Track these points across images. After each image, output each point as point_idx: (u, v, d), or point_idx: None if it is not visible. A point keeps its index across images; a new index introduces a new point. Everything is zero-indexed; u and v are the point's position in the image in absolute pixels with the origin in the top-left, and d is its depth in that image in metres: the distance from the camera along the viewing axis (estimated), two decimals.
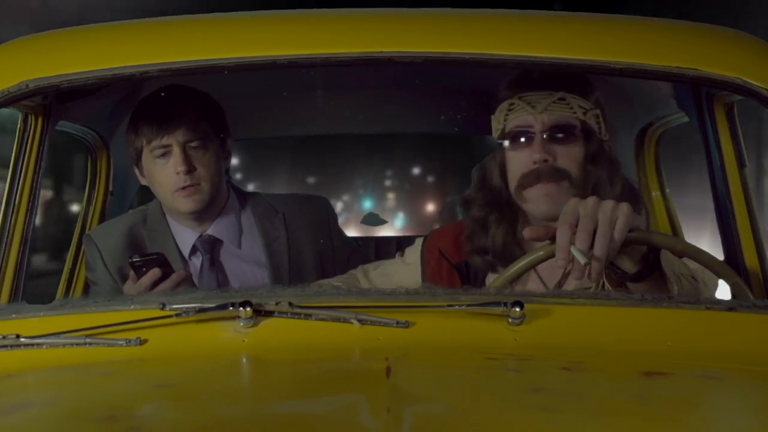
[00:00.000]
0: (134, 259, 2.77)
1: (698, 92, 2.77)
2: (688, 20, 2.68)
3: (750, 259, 2.64)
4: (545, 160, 2.58)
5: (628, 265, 2.28)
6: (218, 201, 3.09)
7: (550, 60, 2.45)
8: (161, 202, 3.11)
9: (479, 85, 3.18)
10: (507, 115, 2.65)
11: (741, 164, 2.69)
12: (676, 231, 3.72)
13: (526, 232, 2.31)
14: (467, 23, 2.57)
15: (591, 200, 2.22)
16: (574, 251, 2.17)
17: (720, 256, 2.59)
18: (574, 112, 2.60)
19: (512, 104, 2.64)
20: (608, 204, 2.21)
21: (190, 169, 2.99)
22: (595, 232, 2.19)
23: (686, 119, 3.10)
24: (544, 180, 2.58)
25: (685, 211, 4.02)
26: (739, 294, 2.35)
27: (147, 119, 3.00)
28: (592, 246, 2.18)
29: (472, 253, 2.71)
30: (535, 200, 2.61)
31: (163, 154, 2.99)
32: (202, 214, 3.08)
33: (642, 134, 3.67)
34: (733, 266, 2.52)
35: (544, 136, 2.59)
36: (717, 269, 2.36)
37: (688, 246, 2.32)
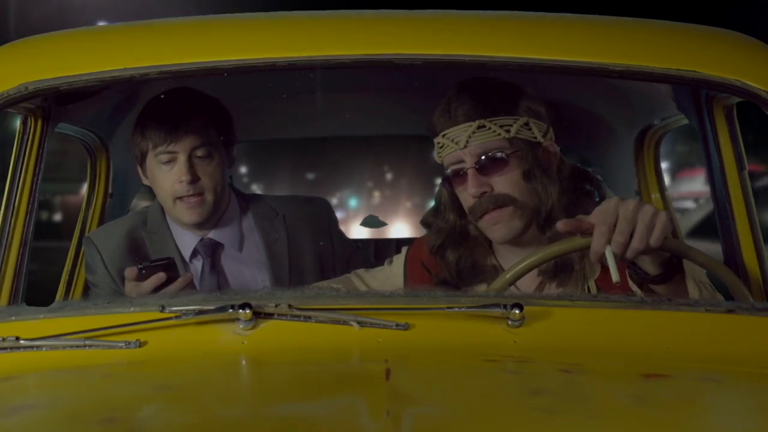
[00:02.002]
0: (142, 265, 2.76)
1: (698, 94, 2.77)
2: None
3: (749, 261, 2.64)
4: (483, 193, 2.60)
5: (651, 268, 2.31)
6: (220, 206, 3.08)
7: (550, 62, 2.45)
8: (162, 206, 3.10)
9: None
10: (440, 153, 2.67)
11: (740, 166, 2.69)
12: (675, 233, 3.72)
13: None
14: (467, 25, 2.57)
15: (631, 203, 2.25)
16: (608, 254, 2.19)
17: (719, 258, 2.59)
18: (498, 135, 2.60)
19: (440, 143, 2.66)
20: (648, 208, 2.24)
21: (194, 180, 2.98)
22: (631, 235, 2.23)
23: (686, 121, 3.10)
24: (489, 210, 2.60)
25: None
26: (738, 296, 2.36)
27: (155, 122, 2.98)
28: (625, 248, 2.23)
29: (438, 285, 2.71)
30: (488, 229, 2.64)
31: (168, 161, 2.98)
32: (193, 226, 3.07)
33: (641, 136, 3.67)
34: (732, 268, 2.52)
35: (477, 167, 2.60)
36: (736, 289, 2.36)
37: (710, 260, 2.33)
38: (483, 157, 2.60)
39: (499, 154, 2.60)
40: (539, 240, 2.62)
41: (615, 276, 2.19)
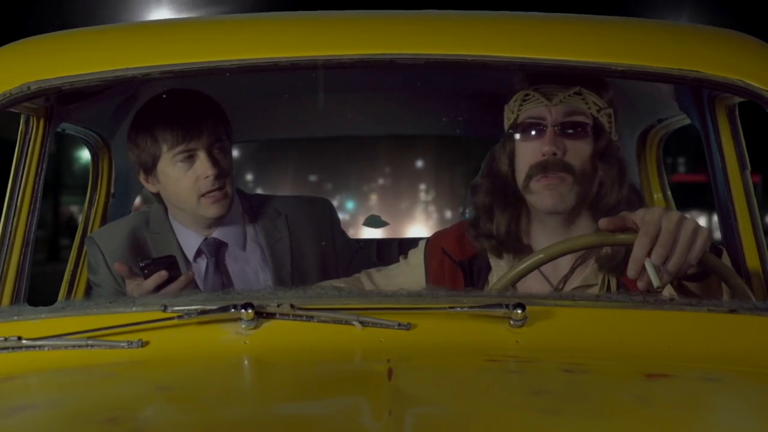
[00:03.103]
0: (144, 263, 2.77)
1: (700, 94, 2.77)
2: None
3: (751, 260, 2.64)
4: (554, 153, 2.59)
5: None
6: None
7: (552, 62, 2.45)
8: (179, 207, 3.07)
9: (481, 87, 3.19)
10: (522, 105, 2.65)
11: (743, 166, 2.69)
12: None
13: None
14: (469, 25, 2.57)
15: (674, 215, 2.26)
16: (648, 266, 2.20)
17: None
18: (589, 108, 2.61)
19: (527, 95, 2.65)
20: (690, 223, 2.26)
21: (219, 174, 2.97)
22: (672, 248, 2.24)
23: (688, 121, 3.10)
24: (551, 172, 2.59)
25: None
26: (740, 296, 2.36)
27: (166, 124, 2.97)
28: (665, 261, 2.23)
29: (477, 238, 2.73)
30: (540, 193, 2.62)
31: (187, 158, 2.97)
32: (216, 221, 3.07)
33: (644, 136, 3.67)
34: (734, 267, 2.52)
35: (556, 129, 2.60)
36: (738, 289, 2.37)
37: (713, 260, 2.34)
38: (567, 120, 2.60)
39: (583, 124, 2.61)
40: (579, 228, 2.63)
41: (656, 281, 2.20)
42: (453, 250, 2.78)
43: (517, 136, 2.66)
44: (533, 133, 2.63)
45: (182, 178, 2.98)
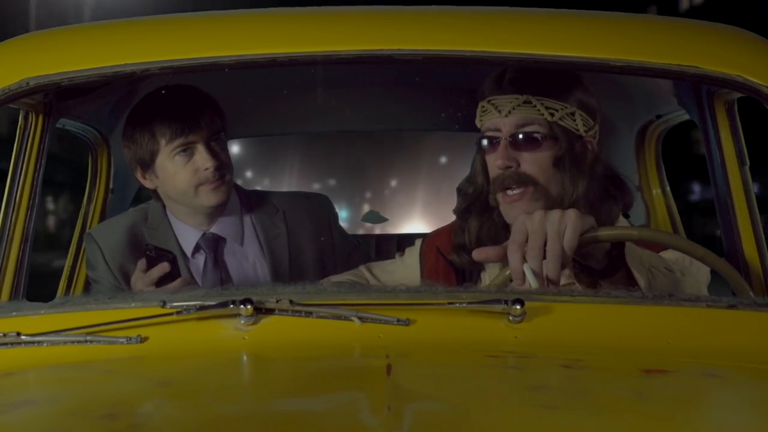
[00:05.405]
0: (149, 250, 2.78)
1: (699, 90, 2.77)
2: None
3: (751, 256, 2.64)
4: (509, 166, 2.61)
5: (594, 263, 2.29)
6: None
7: (551, 58, 2.45)
8: (177, 200, 3.08)
9: (480, 83, 3.18)
10: (481, 117, 2.68)
11: (741, 161, 2.68)
12: (676, 228, 3.72)
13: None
14: (467, 21, 2.57)
15: (537, 215, 2.21)
16: (526, 272, 2.18)
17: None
18: (541, 115, 2.60)
19: (483, 107, 2.68)
20: (554, 214, 2.20)
21: (218, 165, 2.99)
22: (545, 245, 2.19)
23: (687, 117, 3.10)
24: (509, 186, 2.61)
25: None
26: (738, 291, 2.36)
27: (164, 119, 2.98)
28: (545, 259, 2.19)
29: (455, 249, 2.73)
30: (504, 206, 2.64)
31: (186, 152, 2.97)
32: (215, 210, 3.07)
33: (642, 132, 3.67)
34: (733, 263, 2.52)
35: (509, 140, 2.61)
36: (709, 261, 2.35)
37: (644, 232, 2.31)
38: (518, 132, 2.61)
39: (534, 134, 2.61)
40: None
41: (534, 283, 2.17)
42: (447, 249, 2.78)
43: (483, 145, 2.68)
44: (491, 145, 2.65)
45: (181, 171, 2.99)
